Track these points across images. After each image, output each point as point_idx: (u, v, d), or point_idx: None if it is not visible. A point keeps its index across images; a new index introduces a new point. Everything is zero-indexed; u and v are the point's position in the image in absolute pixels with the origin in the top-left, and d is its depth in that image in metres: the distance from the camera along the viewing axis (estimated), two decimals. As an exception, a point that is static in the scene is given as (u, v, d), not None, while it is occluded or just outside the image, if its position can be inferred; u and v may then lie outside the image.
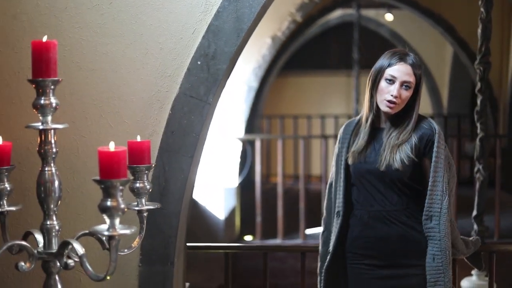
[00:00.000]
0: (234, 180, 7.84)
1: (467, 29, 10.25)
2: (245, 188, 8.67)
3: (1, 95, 2.96)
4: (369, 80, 3.16)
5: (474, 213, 5.15)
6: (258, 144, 7.83)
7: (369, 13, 13.69)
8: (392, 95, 3.05)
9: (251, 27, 2.95)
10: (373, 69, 3.16)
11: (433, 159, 3.10)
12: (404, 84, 3.06)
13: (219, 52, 2.92)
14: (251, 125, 9.69)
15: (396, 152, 3.08)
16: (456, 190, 7.57)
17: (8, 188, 2.47)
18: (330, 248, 3.22)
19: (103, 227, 2.13)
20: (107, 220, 2.11)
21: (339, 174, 3.23)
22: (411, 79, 3.08)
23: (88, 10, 2.92)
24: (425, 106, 14.66)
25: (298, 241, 7.28)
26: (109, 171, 2.11)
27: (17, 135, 2.90)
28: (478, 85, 5.10)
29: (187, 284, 3.39)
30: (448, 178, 3.15)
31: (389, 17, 13.47)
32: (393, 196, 3.12)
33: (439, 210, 3.10)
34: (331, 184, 3.32)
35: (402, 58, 3.10)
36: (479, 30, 5.03)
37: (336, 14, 13.08)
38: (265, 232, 7.83)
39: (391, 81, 3.06)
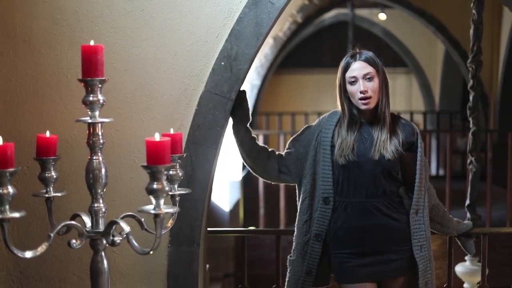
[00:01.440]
0: (238, 174, 8.09)
1: (459, 28, 10.51)
2: (247, 183, 8.94)
3: (43, 93, 3.22)
4: (337, 89, 3.34)
5: (467, 202, 5.48)
6: (261, 140, 8.13)
7: (363, 12, 13.96)
8: (360, 92, 3.23)
9: (269, 31, 3.24)
10: (337, 81, 3.33)
11: (418, 158, 3.33)
12: (365, 78, 3.23)
13: (240, 53, 3.19)
14: (251, 122, 9.92)
15: (388, 144, 3.26)
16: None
17: (54, 176, 2.72)
18: (320, 233, 3.34)
19: (149, 207, 2.42)
20: (153, 201, 2.40)
21: (322, 162, 3.33)
22: (369, 69, 3.24)
23: (122, 16, 3.18)
24: (418, 103, 14.98)
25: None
26: (155, 158, 2.39)
27: (57, 129, 3.16)
28: (470, 82, 5.42)
29: (207, 266, 3.68)
30: (426, 174, 3.40)
31: (382, 16, 13.77)
32: (376, 188, 3.28)
33: (423, 204, 3.34)
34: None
35: (353, 57, 3.29)
36: (471, 31, 5.35)
37: (331, 14, 13.33)
38: (268, 224, 8.08)
39: (354, 81, 3.25)
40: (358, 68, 3.25)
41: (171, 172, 2.78)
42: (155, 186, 2.39)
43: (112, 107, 3.18)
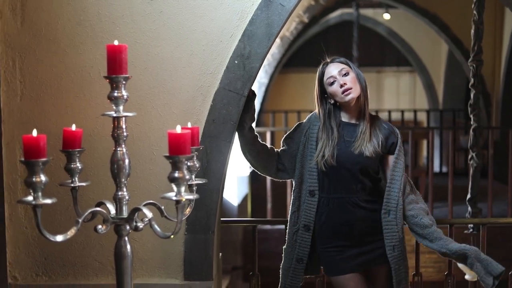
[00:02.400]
0: (246, 169, 8.25)
1: (461, 28, 10.66)
2: (254, 178, 9.10)
3: (67, 90, 3.41)
4: (316, 99, 3.56)
5: (468, 196, 5.66)
6: (268, 136, 8.32)
7: (367, 12, 14.11)
8: (341, 86, 3.44)
9: (279, 31, 3.43)
10: (315, 91, 3.57)
11: (393, 159, 3.50)
12: (341, 74, 3.46)
13: (253, 53, 3.36)
14: (258, 119, 10.10)
15: (367, 143, 3.44)
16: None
17: (79, 167, 2.85)
18: (308, 224, 3.51)
19: (171, 194, 2.61)
20: (175, 188, 2.58)
21: (309, 156, 3.51)
22: (343, 66, 3.48)
23: (142, 18, 3.36)
24: (421, 101, 15.11)
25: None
26: (176, 148, 2.56)
27: (80, 123, 3.32)
28: (472, 80, 5.62)
29: (220, 254, 3.87)
30: (402, 178, 3.49)
31: (386, 16, 13.92)
32: (356, 184, 3.47)
33: (396, 205, 3.48)
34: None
35: (325, 64, 3.55)
36: (472, 31, 5.54)
37: (336, 13, 13.49)
38: (275, 218, 8.21)
39: (333, 82, 3.47)
40: (333, 68, 3.49)
41: (189, 163, 2.96)
42: (176, 174, 2.56)
43: (132, 103, 3.34)
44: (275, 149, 3.67)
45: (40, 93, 3.44)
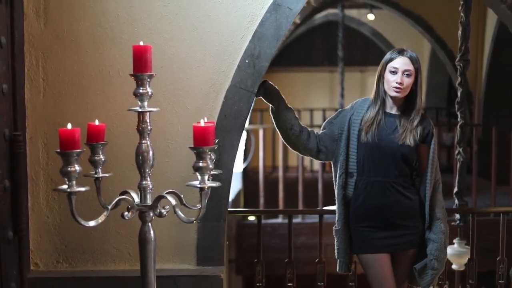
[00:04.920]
0: (239, 165, 8.46)
1: (445, 29, 10.94)
2: (247, 174, 9.29)
3: (88, 87, 3.61)
4: (377, 79, 3.76)
5: (455, 190, 5.93)
6: (261, 133, 8.53)
7: (352, 12, 14.36)
8: (396, 82, 3.65)
9: (285, 32, 3.68)
10: (377, 71, 3.77)
11: (431, 149, 3.71)
12: (405, 73, 3.66)
13: (262, 53, 3.60)
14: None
15: (410, 133, 3.67)
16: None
17: (103, 159, 3.06)
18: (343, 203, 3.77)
19: (195, 182, 2.84)
20: (199, 176, 2.81)
21: (352, 141, 3.75)
22: (410, 67, 3.67)
23: (158, 20, 3.58)
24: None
25: (298, 220, 7.92)
26: (201, 140, 2.79)
27: (100, 119, 3.48)
28: (458, 79, 5.89)
29: (227, 242, 4.10)
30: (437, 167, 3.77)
31: (370, 16, 14.17)
32: (393, 170, 3.69)
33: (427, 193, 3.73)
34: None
35: (400, 52, 3.72)
36: (459, 32, 5.81)
37: (321, 14, 13.73)
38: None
39: (394, 72, 3.67)
40: (402, 63, 3.68)
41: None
42: (201, 164, 2.79)
43: (149, 100, 3.56)
44: (315, 132, 3.88)
45: (62, 91, 3.64)
